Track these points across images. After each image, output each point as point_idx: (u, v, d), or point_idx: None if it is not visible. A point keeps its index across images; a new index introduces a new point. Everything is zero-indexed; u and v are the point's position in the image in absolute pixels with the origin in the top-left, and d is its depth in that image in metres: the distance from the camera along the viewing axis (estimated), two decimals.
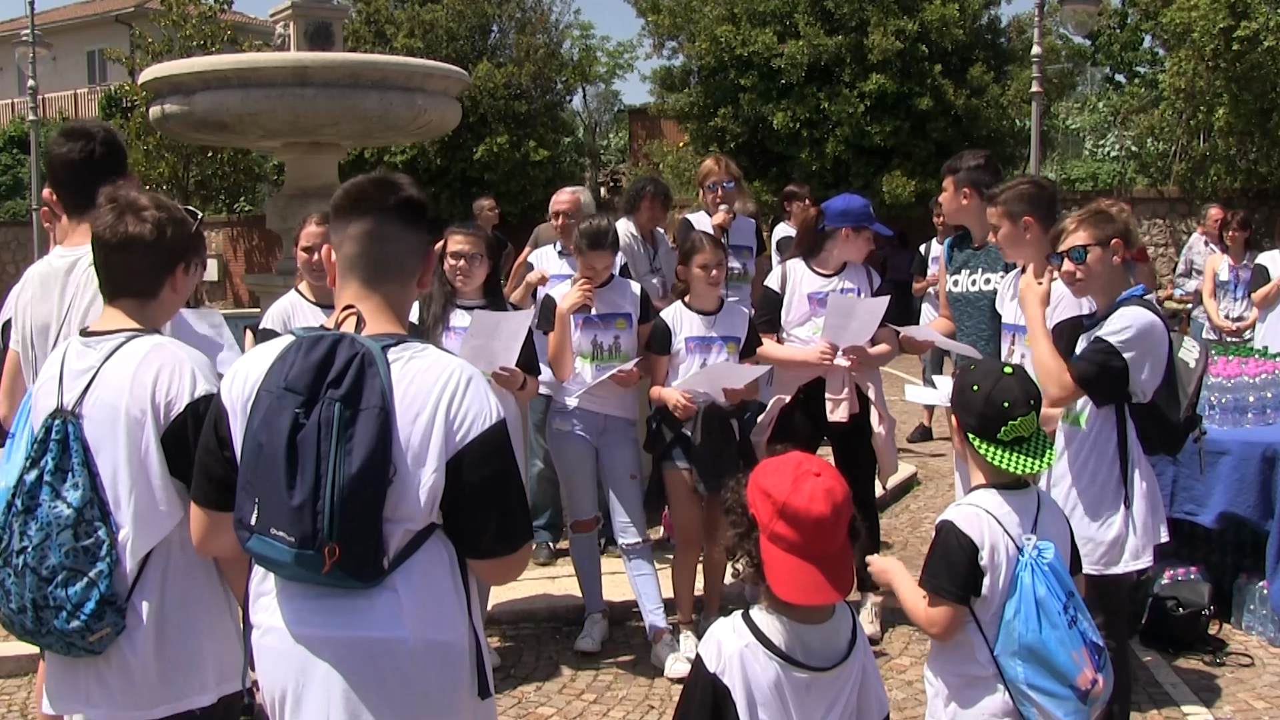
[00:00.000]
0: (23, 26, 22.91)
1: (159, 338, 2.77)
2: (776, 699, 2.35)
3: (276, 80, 6.43)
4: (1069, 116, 24.49)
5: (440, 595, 2.26)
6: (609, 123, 31.99)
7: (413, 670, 2.22)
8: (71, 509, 2.61)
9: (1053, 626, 2.75)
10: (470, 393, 2.26)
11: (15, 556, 2.63)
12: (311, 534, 2.11)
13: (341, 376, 2.17)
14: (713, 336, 5.10)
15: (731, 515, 2.45)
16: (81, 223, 3.46)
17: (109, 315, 2.81)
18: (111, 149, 3.51)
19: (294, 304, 4.68)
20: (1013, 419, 2.85)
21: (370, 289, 2.36)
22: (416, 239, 2.41)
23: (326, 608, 2.22)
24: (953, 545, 2.84)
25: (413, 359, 2.27)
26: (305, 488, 2.12)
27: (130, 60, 22.70)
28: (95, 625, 2.59)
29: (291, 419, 2.15)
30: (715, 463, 4.99)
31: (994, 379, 2.90)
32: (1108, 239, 3.77)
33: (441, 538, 2.28)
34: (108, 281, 2.81)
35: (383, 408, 2.16)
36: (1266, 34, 15.42)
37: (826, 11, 18.32)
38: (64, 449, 2.66)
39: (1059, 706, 2.77)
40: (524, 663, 5.14)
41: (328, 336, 2.24)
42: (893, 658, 5.17)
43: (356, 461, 2.13)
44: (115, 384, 2.67)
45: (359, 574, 2.18)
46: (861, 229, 5.37)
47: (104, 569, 2.60)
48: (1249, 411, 5.53)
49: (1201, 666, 5.03)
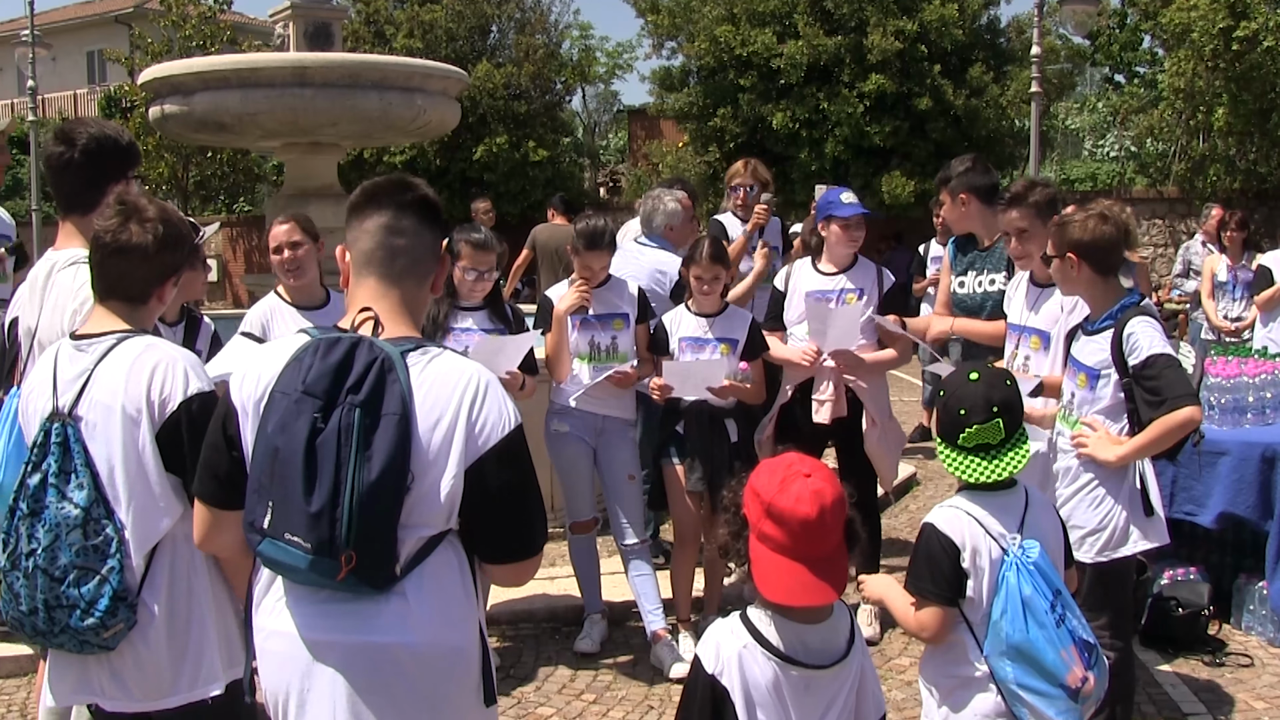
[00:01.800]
0: (22, 27, 22.91)
1: (151, 338, 2.80)
2: (775, 699, 2.35)
3: (276, 81, 6.45)
4: (1068, 117, 24.50)
5: (450, 601, 2.26)
6: (608, 123, 31.99)
7: (419, 676, 2.22)
8: (79, 509, 2.64)
9: (1040, 625, 2.75)
10: (489, 399, 2.25)
11: (25, 559, 2.65)
12: (329, 541, 2.09)
13: (361, 382, 2.14)
14: (707, 338, 5.10)
15: (726, 514, 2.47)
16: (64, 223, 3.46)
17: (99, 316, 2.83)
18: (92, 157, 3.39)
19: (273, 307, 4.71)
20: (969, 426, 2.88)
21: (387, 286, 2.33)
22: (431, 238, 2.40)
23: (334, 612, 2.21)
24: (934, 547, 2.87)
25: (430, 364, 2.24)
26: (324, 494, 2.10)
27: (130, 61, 22.72)
28: (109, 621, 2.63)
29: (310, 424, 2.12)
30: (707, 460, 5.01)
31: (956, 385, 2.94)
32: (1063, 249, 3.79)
33: (453, 542, 2.28)
34: (100, 281, 2.82)
35: (403, 415, 2.14)
36: (1266, 34, 15.42)
37: (826, 12, 18.32)
38: (65, 451, 2.68)
39: (1050, 705, 2.78)
40: (523, 663, 5.14)
41: (345, 339, 2.21)
42: (892, 658, 5.17)
43: (376, 469, 2.11)
44: (110, 384, 2.70)
45: (372, 580, 2.17)
46: (831, 220, 5.28)
47: (115, 565, 2.64)
48: (1248, 412, 5.53)
49: (1201, 667, 5.03)
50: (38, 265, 3.52)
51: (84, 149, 3.34)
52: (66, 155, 3.36)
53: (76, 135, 3.36)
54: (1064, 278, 3.88)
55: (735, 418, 5.11)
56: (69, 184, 3.44)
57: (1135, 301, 3.81)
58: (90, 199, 3.39)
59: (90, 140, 3.35)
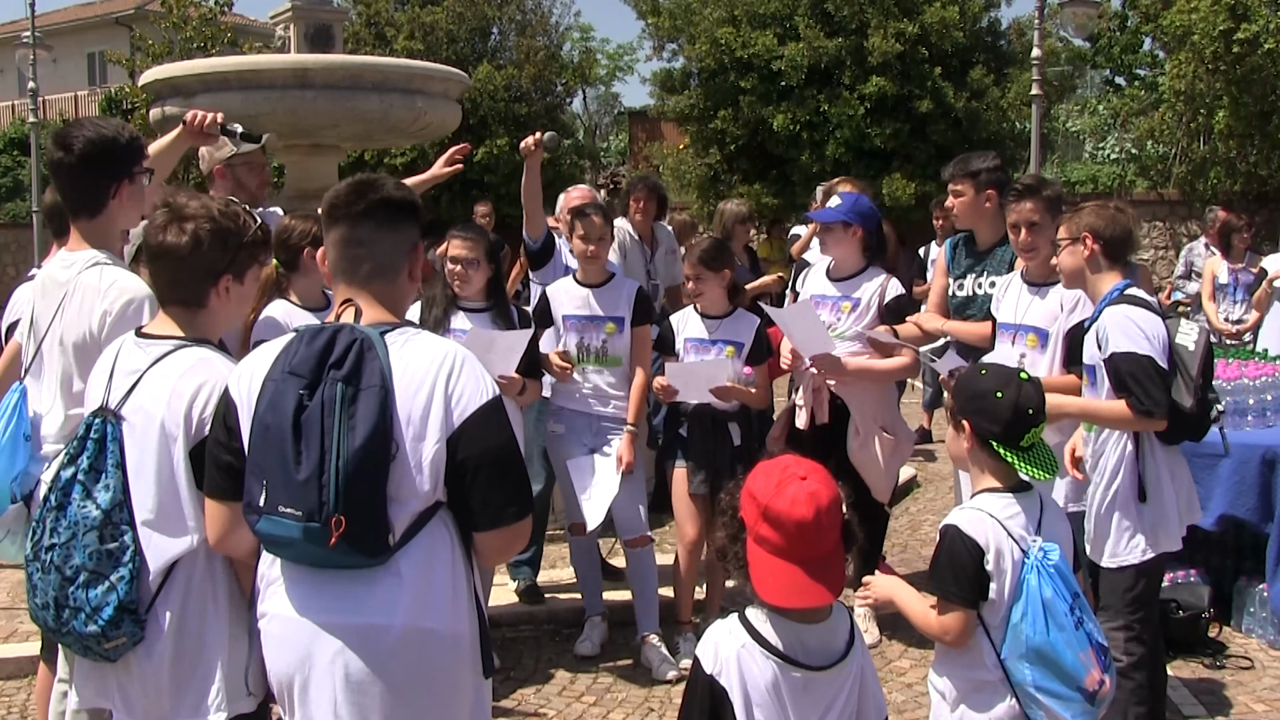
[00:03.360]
0: (23, 28, 22.91)
1: (206, 351, 2.72)
2: (774, 699, 2.35)
3: (277, 82, 6.44)
4: (1069, 119, 24.48)
5: (442, 579, 2.33)
6: (609, 125, 32.03)
7: (415, 655, 2.27)
8: (100, 510, 2.61)
9: (1060, 628, 2.75)
10: (466, 371, 2.36)
11: (45, 553, 2.64)
12: (318, 506, 2.19)
13: (343, 359, 2.27)
14: (712, 340, 5.09)
15: (724, 518, 2.47)
16: (74, 227, 3.42)
17: (162, 319, 2.81)
18: (89, 160, 3.33)
19: (288, 311, 4.65)
20: (1035, 425, 2.89)
21: (357, 290, 2.46)
22: (394, 237, 2.48)
23: (330, 593, 2.28)
24: (959, 549, 2.85)
25: (409, 342, 2.37)
26: (311, 462, 2.20)
27: (131, 62, 22.68)
28: (111, 633, 2.58)
29: (296, 400, 2.24)
30: (709, 463, 5.00)
31: (1017, 386, 2.91)
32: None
33: (445, 518, 2.35)
34: (155, 287, 2.87)
35: (383, 386, 2.26)
36: (1266, 37, 15.41)
37: (826, 14, 18.31)
38: (100, 449, 2.66)
39: (1067, 708, 2.78)
40: (524, 665, 5.14)
41: (329, 327, 2.35)
42: (892, 660, 5.17)
43: (360, 435, 2.21)
44: (156, 393, 2.66)
45: (365, 548, 2.24)
46: (819, 224, 5.25)
47: (125, 574, 2.59)
48: (1249, 414, 5.52)
49: (1201, 669, 5.02)
50: (48, 267, 3.50)
51: (80, 153, 3.31)
52: (64, 160, 3.34)
53: (73, 140, 3.33)
54: (1074, 263, 3.88)
55: (739, 421, 5.09)
56: (69, 188, 3.42)
57: (1122, 289, 3.82)
58: (93, 202, 3.36)
59: (86, 144, 3.31)
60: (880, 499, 5.35)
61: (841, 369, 5.02)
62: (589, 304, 5.11)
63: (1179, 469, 3.87)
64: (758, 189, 18.49)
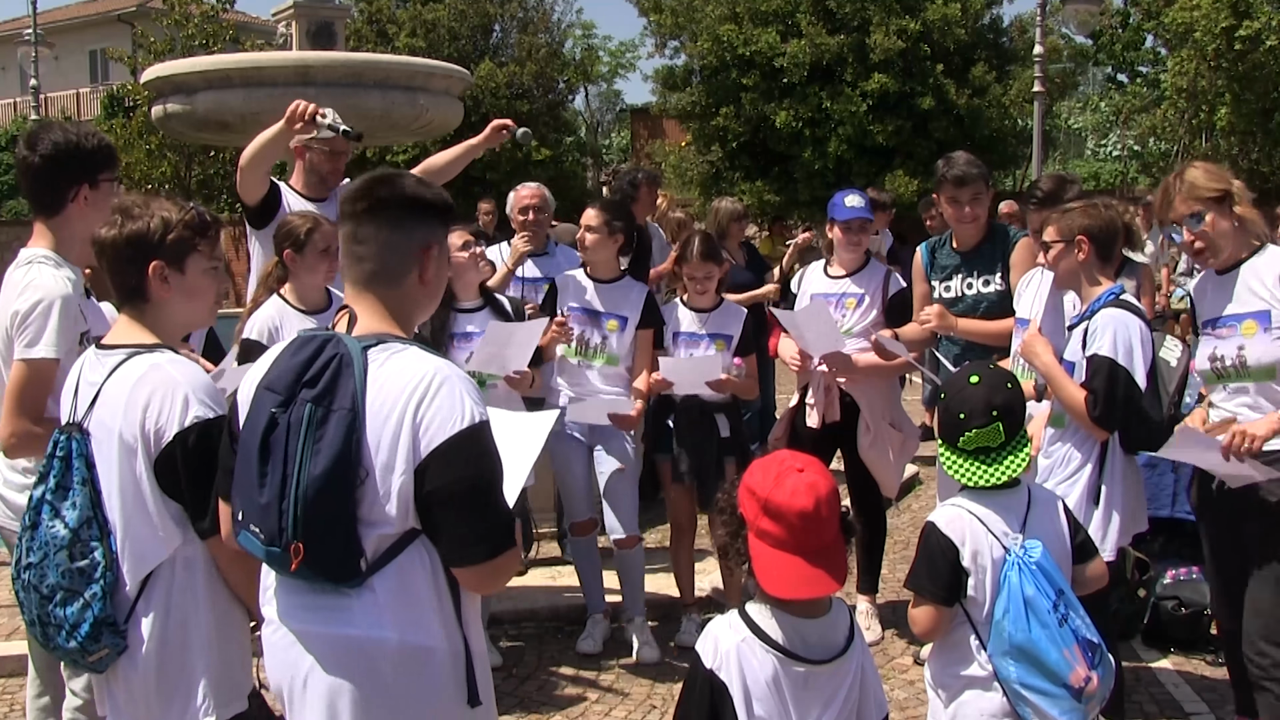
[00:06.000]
0: (25, 26, 22.95)
1: (157, 357, 2.67)
2: (774, 694, 2.36)
3: (279, 79, 6.44)
4: (1071, 116, 24.51)
5: (418, 600, 2.24)
6: (611, 122, 32.04)
7: (390, 672, 2.23)
8: (67, 529, 2.60)
9: (1042, 625, 2.77)
10: (440, 396, 2.19)
11: (24, 572, 2.66)
12: (277, 532, 2.15)
13: (317, 378, 2.19)
14: (702, 333, 5.13)
15: (723, 515, 2.47)
16: (35, 224, 3.47)
17: (120, 326, 2.79)
18: (51, 161, 3.37)
19: (280, 311, 4.58)
20: (969, 429, 2.91)
21: (359, 291, 2.36)
22: (400, 236, 2.33)
23: (313, 604, 2.25)
24: (934, 546, 2.91)
25: (389, 360, 2.23)
26: (273, 486, 2.16)
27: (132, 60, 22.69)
28: (91, 647, 2.59)
29: (268, 418, 2.19)
30: (696, 453, 5.07)
31: (957, 388, 2.96)
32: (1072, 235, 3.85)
33: (423, 544, 2.25)
34: (112, 288, 2.83)
35: (352, 409, 2.16)
36: (1268, 34, 15.41)
37: (829, 11, 18.33)
38: (66, 466, 2.64)
39: (1054, 705, 2.79)
40: (526, 662, 5.14)
41: (319, 336, 2.27)
42: (894, 657, 5.17)
43: (322, 463, 2.14)
44: (113, 405, 2.63)
45: (331, 575, 2.20)
46: (833, 223, 5.23)
47: (98, 591, 2.58)
48: None
49: (1203, 666, 5.02)
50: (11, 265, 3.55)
51: (43, 154, 3.37)
52: (28, 159, 3.40)
53: (39, 140, 3.39)
54: (1068, 266, 3.89)
55: (726, 412, 5.13)
56: (29, 186, 3.50)
57: (1117, 293, 3.83)
58: (51, 201, 3.41)
59: (50, 145, 3.37)
60: (889, 494, 5.46)
61: (852, 367, 5.08)
62: (595, 298, 5.12)
63: (1133, 478, 3.90)
64: (760, 186, 18.51)
